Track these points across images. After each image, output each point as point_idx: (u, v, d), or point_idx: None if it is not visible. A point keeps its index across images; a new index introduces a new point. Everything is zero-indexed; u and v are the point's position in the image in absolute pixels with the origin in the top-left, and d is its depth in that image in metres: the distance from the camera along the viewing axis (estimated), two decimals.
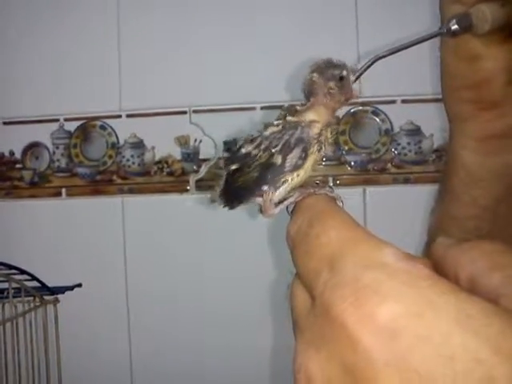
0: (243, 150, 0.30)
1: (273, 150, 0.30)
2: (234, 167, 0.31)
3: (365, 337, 0.19)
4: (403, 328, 0.18)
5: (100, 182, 0.98)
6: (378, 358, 0.18)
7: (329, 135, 0.30)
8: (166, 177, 0.97)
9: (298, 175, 0.30)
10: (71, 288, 0.93)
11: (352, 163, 0.94)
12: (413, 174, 0.93)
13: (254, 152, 0.30)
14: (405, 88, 0.91)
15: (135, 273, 0.97)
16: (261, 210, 0.31)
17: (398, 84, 0.88)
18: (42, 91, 0.98)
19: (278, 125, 0.30)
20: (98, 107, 0.97)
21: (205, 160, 0.96)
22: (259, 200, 0.31)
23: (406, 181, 0.93)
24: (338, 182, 0.94)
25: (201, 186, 0.96)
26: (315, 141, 0.30)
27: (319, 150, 0.30)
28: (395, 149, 0.93)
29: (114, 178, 0.98)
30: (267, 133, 0.30)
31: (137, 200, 0.97)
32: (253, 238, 0.93)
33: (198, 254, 0.96)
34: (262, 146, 0.30)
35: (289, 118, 0.30)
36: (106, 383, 0.95)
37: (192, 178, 0.96)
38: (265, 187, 0.30)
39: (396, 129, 0.93)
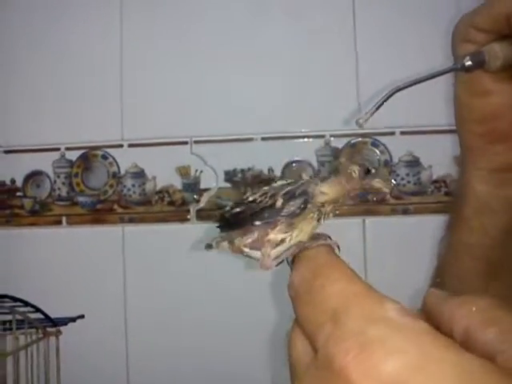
0: (250, 198, 0.33)
1: (276, 197, 0.32)
2: (237, 210, 0.33)
3: None
4: (406, 382, 0.19)
5: (101, 211, 1.00)
6: None
7: (330, 211, 0.33)
8: (166, 206, 0.99)
9: (296, 236, 0.32)
10: (74, 319, 0.94)
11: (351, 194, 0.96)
12: (412, 205, 0.95)
13: (260, 199, 0.33)
14: (404, 120, 0.94)
15: (134, 302, 0.98)
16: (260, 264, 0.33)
17: (397, 116, 0.91)
18: (44, 120, 1.01)
19: (287, 181, 0.34)
20: (99, 136, 1.00)
21: (205, 190, 0.98)
22: (258, 254, 0.33)
23: (405, 211, 0.95)
24: (337, 212, 0.96)
25: (201, 215, 0.98)
26: (317, 207, 0.32)
27: (318, 220, 0.33)
28: (394, 180, 0.96)
29: (115, 207, 1.00)
30: (276, 184, 0.33)
31: (137, 229, 1.00)
32: (253, 268, 0.95)
33: (198, 283, 0.97)
34: (269, 194, 0.33)
35: (303, 177, 0.33)
36: None
37: (193, 208, 0.98)
38: (257, 222, 0.32)
39: (395, 160, 0.96)
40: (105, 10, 1.00)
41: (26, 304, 0.84)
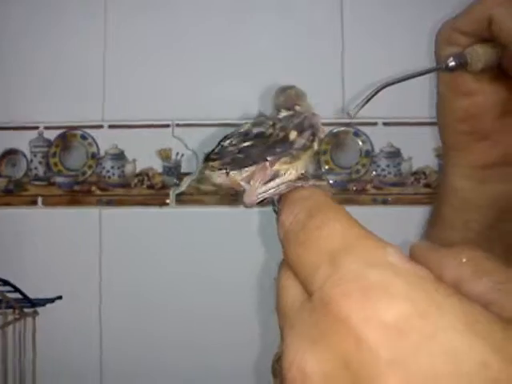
0: (255, 130, 0.32)
1: (288, 129, 0.32)
2: (246, 144, 0.32)
3: (371, 335, 0.19)
4: (411, 327, 0.19)
5: (78, 193, 1.01)
6: (383, 357, 0.19)
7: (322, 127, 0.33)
8: (146, 189, 1.00)
9: (300, 168, 0.31)
10: (52, 300, 0.94)
11: (332, 182, 0.98)
12: (391, 196, 0.98)
13: (270, 131, 0.32)
14: (386, 111, 0.96)
15: (110, 286, 0.99)
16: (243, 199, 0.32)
17: (379, 106, 0.93)
18: (21, 98, 1.01)
19: (289, 109, 0.33)
20: (79, 116, 1.00)
21: (186, 174, 0.99)
22: (242, 183, 0.31)
23: (385, 202, 0.98)
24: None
25: (181, 200, 0.99)
26: (319, 130, 0.32)
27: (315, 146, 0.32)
28: (375, 170, 0.98)
29: (93, 188, 1.01)
30: (281, 116, 0.33)
31: (115, 212, 1.00)
32: (233, 253, 0.96)
33: (174, 267, 0.99)
34: (278, 126, 0.32)
35: (297, 108, 0.33)
36: None
37: (172, 192, 0.99)
38: (270, 158, 0.31)
39: (376, 150, 0.98)
40: None
41: (5, 283, 0.84)
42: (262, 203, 0.32)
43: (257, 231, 0.96)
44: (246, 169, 0.31)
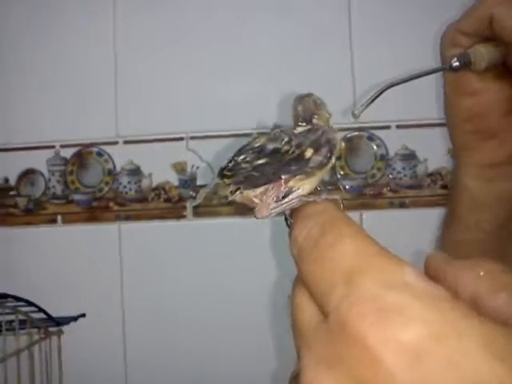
0: (269, 147, 0.31)
1: (304, 146, 0.31)
2: (261, 161, 0.31)
3: (388, 358, 0.19)
4: (428, 350, 0.19)
5: (96, 209, 1.02)
6: (400, 380, 0.19)
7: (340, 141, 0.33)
8: (163, 203, 1.01)
9: (311, 183, 0.31)
10: (75, 319, 0.95)
11: (348, 188, 0.99)
12: (408, 198, 0.98)
13: (286, 148, 0.31)
14: (399, 113, 0.96)
15: (132, 300, 1.00)
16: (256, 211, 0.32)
17: (392, 110, 0.94)
18: (38, 117, 1.02)
19: (306, 122, 0.32)
20: (94, 134, 1.01)
21: (202, 186, 1.00)
22: (256, 199, 0.31)
23: (402, 205, 0.98)
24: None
25: (198, 212, 1.00)
26: (336, 145, 0.32)
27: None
28: (391, 173, 0.98)
29: (111, 204, 1.02)
30: (297, 131, 0.32)
31: (134, 226, 1.01)
32: (250, 264, 0.97)
33: (195, 279, 0.99)
34: (294, 143, 0.31)
35: (315, 121, 0.32)
36: None
37: (189, 204, 1.00)
38: (285, 176, 0.30)
39: (391, 154, 0.98)
40: (99, 6, 1.01)
41: (29, 304, 0.85)
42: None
43: (272, 242, 0.97)
44: (260, 188, 0.31)
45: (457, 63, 0.42)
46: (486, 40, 0.42)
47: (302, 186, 0.31)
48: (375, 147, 0.98)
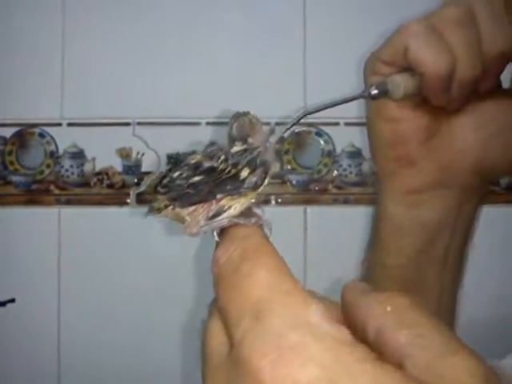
0: (206, 164, 0.32)
1: (240, 166, 0.31)
2: (196, 179, 0.31)
3: None
4: None
5: (36, 192, 0.99)
6: None
7: (274, 162, 0.33)
8: (105, 189, 0.99)
9: (242, 204, 0.31)
10: (3, 304, 0.93)
11: (294, 182, 0.99)
12: (352, 195, 0.99)
13: (222, 166, 0.31)
14: (349, 111, 0.97)
15: (69, 287, 0.98)
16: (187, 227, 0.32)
17: (342, 107, 0.95)
18: None
19: (242, 142, 0.33)
20: (37, 114, 0.99)
21: (147, 173, 0.99)
22: (187, 217, 0.31)
23: (346, 201, 1.00)
24: (279, 200, 0.99)
25: (141, 199, 0.99)
26: (271, 166, 0.32)
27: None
28: (336, 170, 1.00)
29: (52, 188, 0.99)
30: (233, 150, 0.32)
31: (74, 211, 0.99)
32: (191, 252, 0.97)
33: (134, 267, 0.98)
34: (230, 162, 0.31)
35: (251, 140, 0.33)
36: None
37: (133, 191, 0.99)
38: (220, 195, 0.31)
39: (338, 150, 1.00)
40: None
41: None
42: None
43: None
44: (193, 206, 0.31)
45: (375, 91, 0.43)
46: (404, 69, 0.43)
47: (234, 206, 0.31)
48: (323, 143, 0.99)
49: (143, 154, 0.99)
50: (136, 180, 0.99)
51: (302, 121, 1.00)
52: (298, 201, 0.99)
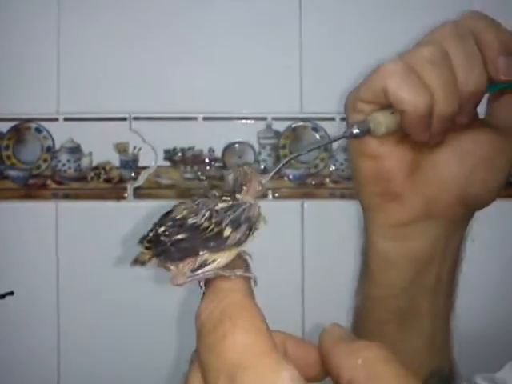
0: (190, 221, 0.33)
1: (223, 224, 0.32)
2: (180, 237, 0.32)
3: None
4: None
5: (33, 186, 1.00)
6: None
7: (263, 216, 0.34)
8: (103, 183, 1.00)
9: (227, 257, 0.32)
10: (2, 296, 0.94)
11: (291, 177, 1.00)
12: (349, 190, 1.00)
13: (206, 224, 0.32)
14: (343, 106, 0.98)
15: (67, 280, 0.98)
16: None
17: (338, 102, 0.95)
18: None
19: (226, 201, 0.34)
20: (33, 109, 0.99)
21: (144, 168, 0.99)
22: (172, 268, 0.33)
23: (343, 196, 1.00)
24: (276, 194, 0.99)
25: (139, 193, 0.99)
26: (257, 221, 0.34)
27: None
28: (333, 164, 1.00)
29: (48, 182, 1.00)
30: (218, 207, 0.33)
31: (71, 206, 1.00)
32: None
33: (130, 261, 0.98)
34: (214, 220, 0.32)
35: (238, 196, 0.34)
36: None
37: (130, 186, 0.99)
38: (202, 252, 0.32)
39: (334, 145, 1.00)
40: None
41: None
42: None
43: None
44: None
45: (357, 130, 0.44)
46: (384, 107, 0.44)
47: (218, 260, 0.32)
48: (319, 138, 0.99)
49: (140, 149, 0.99)
50: (133, 174, 0.99)
51: (298, 116, 1.01)
52: (295, 195, 1.00)
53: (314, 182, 1.00)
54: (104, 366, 0.98)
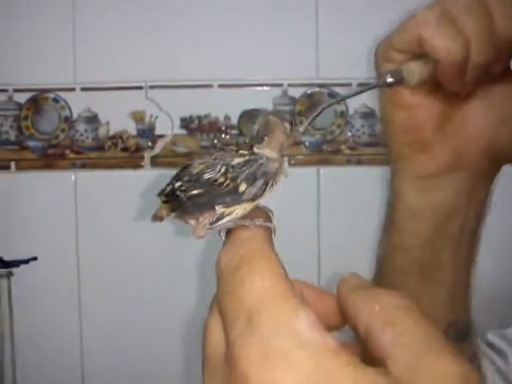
0: (206, 176, 0.33)
1: (238, 180, 0.32)
2: (196, 192, 0.33)
3: None
4: None
5: (52, 156, 1.01)
6: None
7: (284, 169, 0.34)
8: (120, 152, 1.01)
9: (244, 208, 0.32)
10: (26, 261, 0.96)
11: (307, 144, 1.00)
12: (365, 156, 1.00)
13: (221, 180, 0.32)
14: (361, 72, 0.97)
15: (87, 247, 1.00)
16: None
17: (354, 68, 0.94)
18: None
19: (243, 156, 0.34)
20: (50, 79, 1.00)
21: (160, 136, 1.00)
22: (192, 222, 0.33)
23: (359, 162, 1.00)
24: (292, 161, 0.99)
25: (156, 162, 1.00)
26: (275, 176, 0.34)
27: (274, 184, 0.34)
28: (350, 131, 1.00)
29: (67, 152, 1.01)
30: (234, 162, 0.33)
31: (90, 175, 1.01)
32: None
33: (151, 228, 1.00)
34: (229, 175, 0.32)
35: (256, 150, 0.34)
36: (56, 358, 0.99)
37: (147, 154, 1.00)
38: (218, 207, 0.32)
39: (351, 111, 1.00)
40: None
41: None
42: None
43: None
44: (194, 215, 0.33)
45: (390, 79, 0.44)
46: (417, 56, 0.44)
47: (235, 212, 0.32)
48: (336, 104, 0.99)
49: (157, 117, 1.00)
50: (150, 143, 1.00)
51: (314, 81, 1.00)
52: (311, 162, 1.00)
53: (329, 149, 1.00)
54: (127, 318, 1.00)
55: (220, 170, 0.33)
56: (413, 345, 0.22)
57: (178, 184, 0.33)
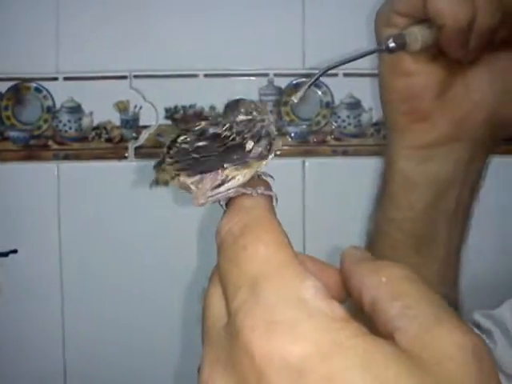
0: (211, 130, 0.32)
1: (246, 136, 0.31)
2: (201, 144, 0.31)
3: (270, 372, 0.20)
4: (310, 368, 0.20)
5: (34, 147, 0.99)
6: None
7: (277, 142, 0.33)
8: (104, 143, 1.00)
9: (246, 174, 0.31)
10: (6, 254, 0.95)
11: (292, 134, 0.99)
12: (351, 147, 1.00)
13: (226, 133, 0.31)
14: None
15: (69, 238, 0.99)
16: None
17: (340, 57, 0.94)
18: None
19: (246, 114, 0.32)
20: (32, 68, 0.98)
21: (145, 127, 0.99)
22: (193, 188, 0.32)
23: (345, 153, 1.00)
24: (278, 152, 0.99)
25: (140, 153, 0.99)
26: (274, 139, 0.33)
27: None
28: (335, 121, 1.00)
29: (50, 143, 1.00)
30: (238, 119, 0.32)
31: (73, 166, 1.00)
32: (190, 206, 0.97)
33: (132, 222, 0.99)
34: (235, 130, 0.31)
35: (254, 114, 0.33)
36: (37, 351, 0.98)
37: (131, 145, 0.99)
38: (226, 165, 0.31)
39: (337, 102, 0.99)
40: None
41: None
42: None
43: None
44: (199, 176, 0.32)
45: (393, 44, 0.43)
46: (421, 21, 0.43)
47: (237, 176, 0.31)
48: (321, 94, 0.99)
49: (141, 108, 0.99)
50: (134, 134, 0.99)
51: (300, 71, 0.99)
52: (297, 153, 1.00)
53: (315, 140, 1.00)
54: (111, 317, 1.00)
55: (224, 125, 0.32)
56: (422, 316, 0.22)
57: (181, 138, 0.32)
